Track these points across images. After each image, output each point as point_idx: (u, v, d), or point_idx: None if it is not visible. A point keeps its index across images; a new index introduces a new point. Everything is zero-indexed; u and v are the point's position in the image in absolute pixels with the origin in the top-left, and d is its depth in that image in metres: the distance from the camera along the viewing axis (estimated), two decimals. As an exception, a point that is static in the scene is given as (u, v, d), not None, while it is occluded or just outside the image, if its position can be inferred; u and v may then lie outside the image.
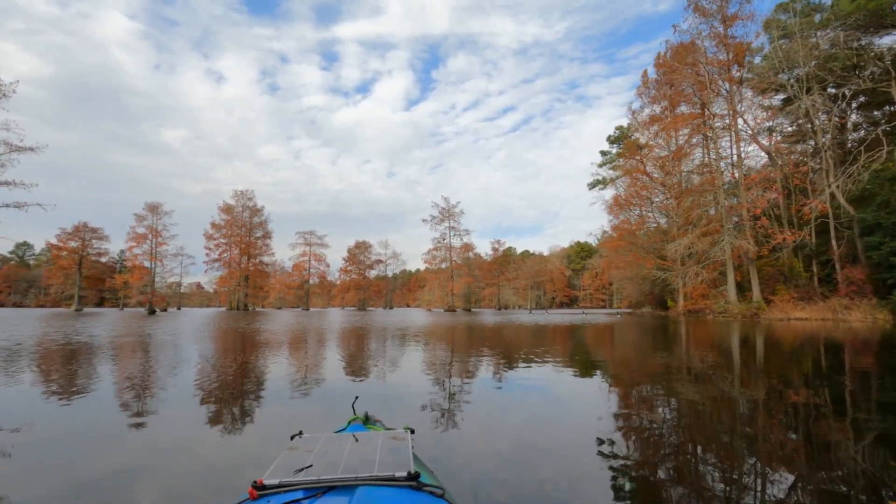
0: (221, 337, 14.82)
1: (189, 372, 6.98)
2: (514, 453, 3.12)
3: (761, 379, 6.46)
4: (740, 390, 5.60)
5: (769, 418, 4.23)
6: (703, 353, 9.96)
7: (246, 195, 78.96)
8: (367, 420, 2.38)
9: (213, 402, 4.82)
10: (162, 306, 62.34)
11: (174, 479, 2.68)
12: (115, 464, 2.93)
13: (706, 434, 3.72)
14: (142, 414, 4.29)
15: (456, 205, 71.55)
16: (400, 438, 1.81)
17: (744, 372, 7.13)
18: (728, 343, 12.52)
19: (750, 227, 27.89)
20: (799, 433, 3.73)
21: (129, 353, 9.76)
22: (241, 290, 76.16)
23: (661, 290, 48.65)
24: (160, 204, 76.25)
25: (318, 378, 6.45)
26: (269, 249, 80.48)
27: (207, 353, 10.01)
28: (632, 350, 11.22)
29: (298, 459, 1.56)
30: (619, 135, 48.74)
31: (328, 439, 1.81)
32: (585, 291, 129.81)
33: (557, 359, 9.05)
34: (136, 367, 7.51)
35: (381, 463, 1.51)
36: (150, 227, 75.19)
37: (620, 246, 40.33)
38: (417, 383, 6.02)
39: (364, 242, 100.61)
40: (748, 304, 26.50)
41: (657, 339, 14.53)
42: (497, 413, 4.33)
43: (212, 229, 75.56)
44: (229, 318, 29.66)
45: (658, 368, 7.55)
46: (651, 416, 4.28)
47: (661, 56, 38.38)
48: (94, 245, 66.46)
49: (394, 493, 1.31)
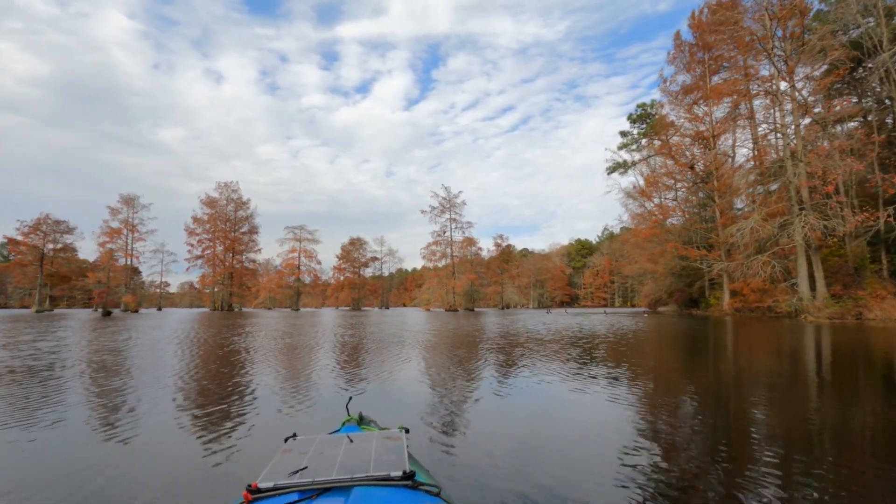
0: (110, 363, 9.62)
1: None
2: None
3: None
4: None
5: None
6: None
7: (230, 187, 73.35)
8: (361, 420, 2.37)
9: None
10: (132, 307, 56.58)
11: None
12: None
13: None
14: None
15: (457, 195, 65.90)
16: (394, 438, 1.79)
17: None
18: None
19: (821, 206, 22.86)
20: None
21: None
22: (225, 289, 70.53)
23: (690, 286, 43.80)
24: (137, 196, 70.63)
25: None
26: (255, 245, 74.86)
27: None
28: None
29: (293, 461, 1.54)
30: (642, 113, 43.74)
31: (322, 441, 1.79)
32: (586, 290, 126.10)
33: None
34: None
35: (377, 463, 1.49)
36: (125, 222, 69.61)
37: (656, 234, 35.16)
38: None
39: (359, 239, 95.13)
40: (840, 303, 21.16)
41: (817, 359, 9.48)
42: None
43: (193, 223, 69.82)
44: (198, 322, 24.44)
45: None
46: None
47: (695, 16, 33.32)
48: (62, 240, 60.49)
49: (390, 493, 1.29)
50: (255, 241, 75.11)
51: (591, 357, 8.70)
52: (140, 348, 10.53)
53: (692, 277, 42.33)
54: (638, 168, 41.67)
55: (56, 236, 58.38)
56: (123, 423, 4.06)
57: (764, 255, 22.34)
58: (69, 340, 12.46)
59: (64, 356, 8.92)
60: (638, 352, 9.60)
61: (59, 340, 12.38)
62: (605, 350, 9.93)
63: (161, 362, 8.10)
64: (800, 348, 10.13)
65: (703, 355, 9.34)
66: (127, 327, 18.69)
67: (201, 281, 69.98)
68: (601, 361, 8.04)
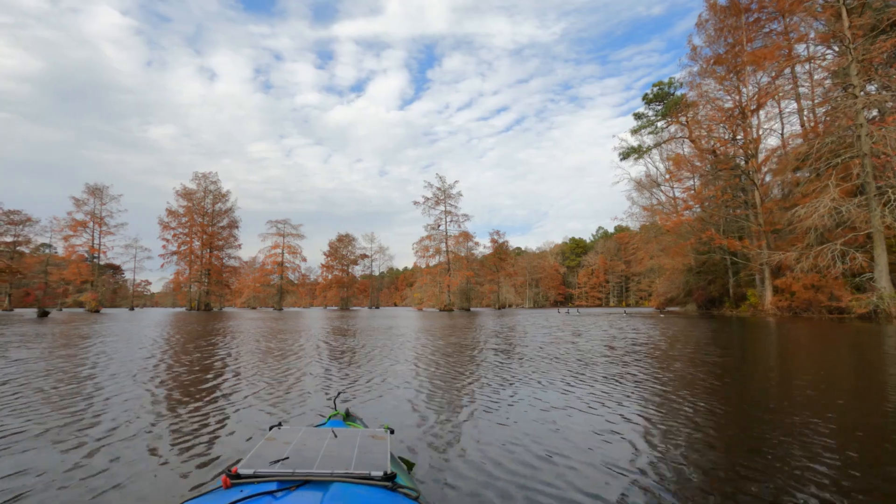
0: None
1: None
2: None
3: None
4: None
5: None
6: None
7: (209, 178, 67.91)
8: (347, 416, 2.33)
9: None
10: (92, 306, 51.21)
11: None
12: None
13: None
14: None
15: (452, 185, 60.95)
16: (379, 438, 1.75)
17: None
18: None
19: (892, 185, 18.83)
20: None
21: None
22: (202, 287, 65.14)
23: (710, 284, 39.80)
24: (105, 186, 64.87)
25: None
26: (235, 241, 69.37)
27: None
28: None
29: (275, 451, 1.52)
30: (659, 92, 39.64)
31: (307, 433, 1.77)
32: (581, 289, 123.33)
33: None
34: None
35: (358, 461, 1.46)
36: (91, 214, 63.81)
37: (688, 222, 30.94)
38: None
39: (347, 235, 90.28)
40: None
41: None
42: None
43: (167, 217, 64.15)
44: (154, 327, 19.87)
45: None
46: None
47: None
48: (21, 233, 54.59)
49: (368, 492, 1.27)
50: (235, 236, 69.62)
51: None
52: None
53: (714, 274, 38.33)
54: (662, 150, 37.64)
55: (9, 228, 52.49)
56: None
57: (836, 242, 18.20)
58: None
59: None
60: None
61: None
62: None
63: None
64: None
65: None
66: (24, 337, 14.05)
67: (175, 279, 64.37)
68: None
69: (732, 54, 28.38)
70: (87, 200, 62.51)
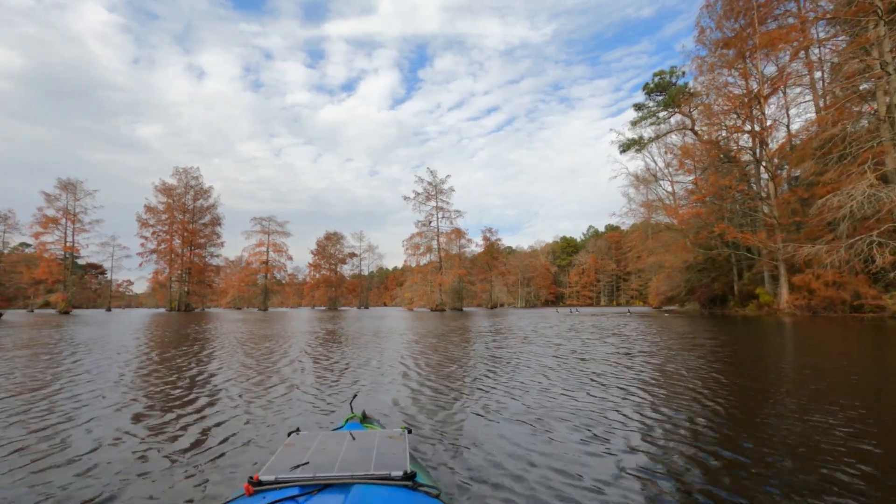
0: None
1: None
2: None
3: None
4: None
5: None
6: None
7: (190, 173, 64.79)
8: (364, 419, 2.32)
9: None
10: (62, 307, 48.19)
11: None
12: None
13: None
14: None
15: (444, 180, 58.75)
16: (397, 438, 1.75)
17: None
18: None
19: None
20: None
21: None
22: (182, 286, 62.18)
23: (714, 281, 38.28)
24: (79, 181, 61.54)
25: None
26: (218, 238, 66.45)
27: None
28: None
29: (295, 456, 1.51)
30: (661, 81, 38.01)
31: (325, 437, 1.76)
32: (572, 289, 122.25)
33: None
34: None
35: (378, 462, 1.46)
36: (63, 210, 60.48)
37: (699, 214, 29.23)
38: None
39: (336, 234, 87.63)
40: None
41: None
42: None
43: (146, 213, 61.01)
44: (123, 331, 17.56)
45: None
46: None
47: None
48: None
49: (389, 493, 1.26)
50: (217, 233, 66.67)
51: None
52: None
53: (718, 271, 36.82)
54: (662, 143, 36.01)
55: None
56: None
57: (871, 234, 16.52)
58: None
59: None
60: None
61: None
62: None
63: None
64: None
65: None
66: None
67: (154, 278, 61.32)
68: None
69: (743, 37, 26.76)
70: (59, 196, 59.38)
